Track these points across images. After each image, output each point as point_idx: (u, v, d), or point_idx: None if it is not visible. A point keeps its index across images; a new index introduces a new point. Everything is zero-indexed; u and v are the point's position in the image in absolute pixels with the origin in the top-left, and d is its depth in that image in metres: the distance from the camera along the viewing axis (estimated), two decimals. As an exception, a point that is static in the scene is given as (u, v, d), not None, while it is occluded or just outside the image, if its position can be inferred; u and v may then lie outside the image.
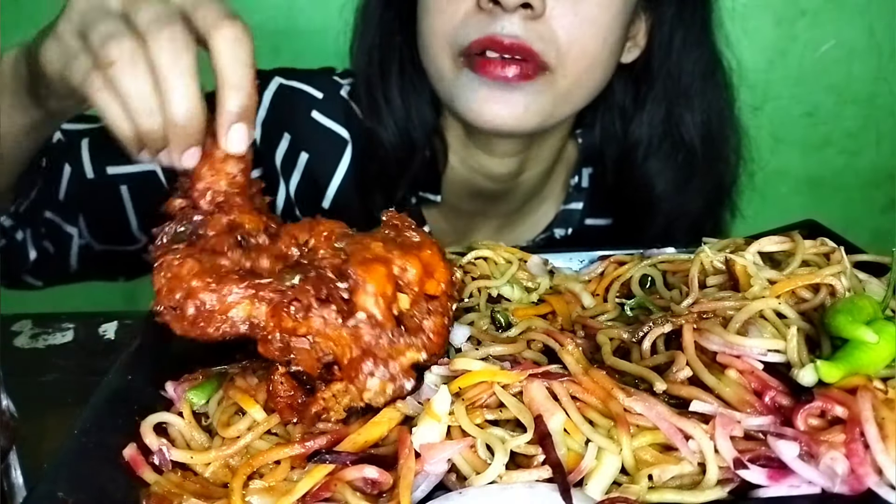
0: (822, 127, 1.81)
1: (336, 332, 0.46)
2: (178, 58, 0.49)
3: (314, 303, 0.46)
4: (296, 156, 0.95)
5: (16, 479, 0.54)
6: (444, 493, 0.44)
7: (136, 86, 0.49)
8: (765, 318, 0.55)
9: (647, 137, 0.94)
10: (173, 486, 0.46)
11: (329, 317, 0.46)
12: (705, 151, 0.95)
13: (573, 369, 0.51)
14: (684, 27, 0.90)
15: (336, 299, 0.46)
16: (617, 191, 1.00)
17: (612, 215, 1.05)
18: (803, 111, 1.79)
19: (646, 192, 0.96)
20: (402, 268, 0.48)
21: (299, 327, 0.46)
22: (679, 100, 0.93)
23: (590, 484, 0.44)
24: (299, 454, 0.47)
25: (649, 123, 0.94)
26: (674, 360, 0.52)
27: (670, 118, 0.93)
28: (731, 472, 0.45)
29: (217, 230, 0.50)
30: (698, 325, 0.54)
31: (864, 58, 1.74)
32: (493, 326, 0.62)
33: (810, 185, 1.84)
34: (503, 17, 0.76)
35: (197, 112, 0.50)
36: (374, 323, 0.46)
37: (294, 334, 0.46)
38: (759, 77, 1.69)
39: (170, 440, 0.50)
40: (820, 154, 1.83)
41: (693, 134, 0.93)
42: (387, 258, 0.48)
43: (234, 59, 0.50)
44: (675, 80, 0.92)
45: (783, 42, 1.72)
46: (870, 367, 0.49)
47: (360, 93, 0.94)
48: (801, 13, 1.70)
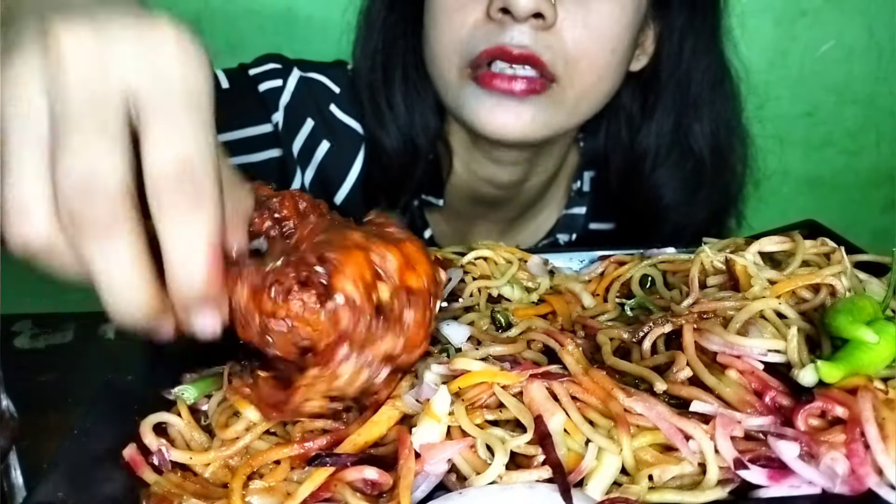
0: (822, 127, 1.81)
1: (314, 316, 0.45)
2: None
3: (295, 286, 0.45)
4: (316, 144, 0.94)
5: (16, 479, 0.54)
6: (444, 493, 0.44)
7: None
8: (765, 318, 0.55)
9: (655, 147, 0.94)
10: (173, 486, 0.46)
11: (308, 300, 0.45)
12: (713, 161, 0.94)
13: (573, 369, 0.51)
14: (694, 35, 0.89)
15: (315, 283, 0.46)
16: (623, 200, 0.99)
17: (616, 220, 1.04)
18: (803, 111, 1.79)
19: (654, 203, 0.96)
20: (382, 256, 0.47)
21: (279, 310, 0.46)
22: (688, 109, 0.92)
23: (590, 484, 0.44)
24: (299, 454, 0.47)
25: (658, 133, 0.93)
26: (674, 361, 0.52)
27: (679, 128, 0.93)
28: (731, 473, 0.45)
29: None
30: (699, 325, 0.54)
31: (865, 58, 1.73)
32: (493, 326, 0.62)
33: (810, 185, 1.84)
34: (513, 27, 0.75)
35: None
36: (353, 306, 0.45)
37: (273, 317, 0.46)
38: (759, 77, 1.68)
39: (169, 440, 0.50)
40: (820, 154, 1.83)
41: (702, 144, 0.93)
42: (366, 245, 0.47)
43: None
44: (685, 90, 0.91)
45: (783, 42, 1.72)
46: (870, 367, 0.49)
47: (363, 98, 0.93)
48: (801, 13, 1.69)
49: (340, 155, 0.95)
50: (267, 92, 0.92)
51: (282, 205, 0.51)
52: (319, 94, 0.95)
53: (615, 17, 0.79)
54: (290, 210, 0.51)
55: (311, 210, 0.52)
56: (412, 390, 0.50)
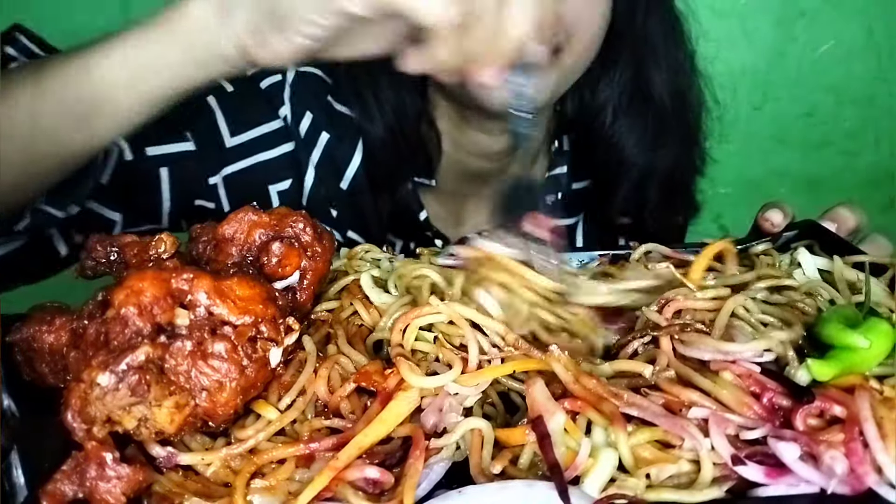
0: (821, 127, 1.81)
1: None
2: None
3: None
4: (317, 136, 0.95)
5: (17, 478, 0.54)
6: (444, 491, 0.44)
7: None
8: (737, 315, 0.56)
9: (616, 97, 0.96)
10: (175, 485, 0.46)
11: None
12: (674, 106, 0.97)
13: (563, 377, 0.51)
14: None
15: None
16: (590, 151, 1.01)
17: (590, 178, 1.06)
18: (803, 111, 1.79)
19: (617, 151, 0.98)
20: (188, 281, 0.48)
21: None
22: (647, 60, 0.95)
23: (587, 481, 0.44)
24: (304, 454, 0.47)
25: (617, 83, 0.96)
26: (654, 361, 0.53)
27: (638, 78, 0.96)
28: (728, 470, 0.45)
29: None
30: (682, 336, 0.54)
31: (864, 58, 1.74)
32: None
33: (810, 186, 1.84)
34: None
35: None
36: (118, 318, 0.46)
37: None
38: (758, 77, 1.69)
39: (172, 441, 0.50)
40: (819, 154, 1.83)
41: (662, 91, 0.96)
42: (164, 270, 0.48)
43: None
44: (641, 42, 0.94)
45: (782, 42, 1.72)
46: (863, 365, 0.50)
47: (346, 90, 0.94)
48: (800, 14, 1.70)
49: (340, 146, 0.95)
50: (270, 87, 0.93)
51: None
52: (316, 86, 0.96)
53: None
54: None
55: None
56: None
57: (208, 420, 0.47)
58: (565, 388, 0.50)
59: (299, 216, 0.58)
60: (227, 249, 0.56)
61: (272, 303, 0.50)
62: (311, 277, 0.57)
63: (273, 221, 0.57)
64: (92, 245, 0.58)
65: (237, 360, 0.47)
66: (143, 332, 0.46)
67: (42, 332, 0.51)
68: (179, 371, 0.46)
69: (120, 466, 0.44)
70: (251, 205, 0.58)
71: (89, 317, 0.49)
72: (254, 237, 0.57)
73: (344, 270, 0.69)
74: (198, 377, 0.46)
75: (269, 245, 0.56)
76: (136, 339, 0.46)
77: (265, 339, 0.49)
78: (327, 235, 0.59)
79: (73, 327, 0.50)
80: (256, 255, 0.56)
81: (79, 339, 0.49)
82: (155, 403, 0.45)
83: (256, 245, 0.57)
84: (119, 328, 0.46)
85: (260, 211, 0.58)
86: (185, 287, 0.48)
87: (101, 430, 0.45)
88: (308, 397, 0.51)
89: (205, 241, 0.58)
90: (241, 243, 0.57)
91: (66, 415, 0.45)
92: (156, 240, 0.54)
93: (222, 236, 0.56)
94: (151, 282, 0.47)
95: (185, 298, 0.48)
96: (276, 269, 0.56)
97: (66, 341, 0.50)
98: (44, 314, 0.52)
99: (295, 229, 0.57)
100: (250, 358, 0.48)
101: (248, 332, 0.48)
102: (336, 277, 0.68)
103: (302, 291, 0.57)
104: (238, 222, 0.57)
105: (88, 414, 0.44)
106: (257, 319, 0.48)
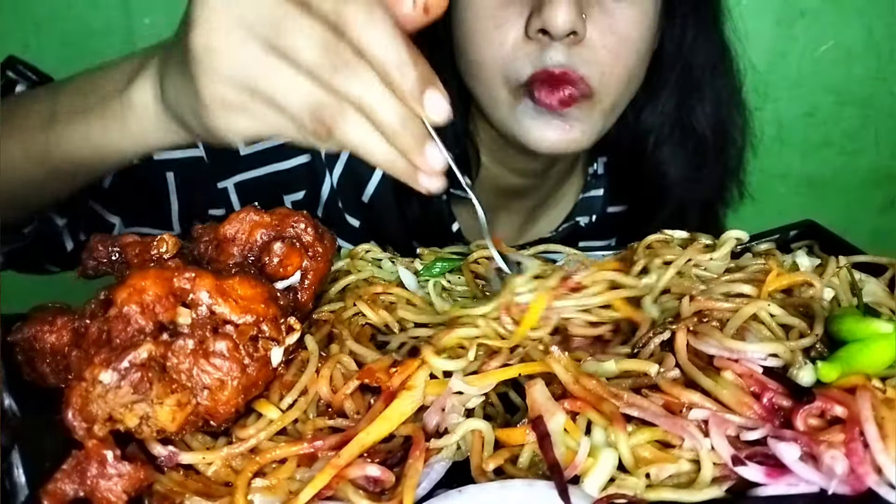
0: (821, 127, 1.81)
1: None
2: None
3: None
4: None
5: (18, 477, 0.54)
6: (444, 490, 0.44)
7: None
8: (759, 319, 0.56)
9: (658, 125, 0.96)
10: (176, 484, 0.46)
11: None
12: (716, 138, 0.96)
13: (563, 378, 0.51)
14: (696, 19, 0.91)
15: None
16: (629, 177, 1.01)
17: (628, 202, 1.06)
18: (803, 112, 1.80)
19: (658, 180, 0.98)
20: (190, 280, 0.48)
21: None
22: (690, 90, 0.94)
23: (587, 481, 0.44)
24: (306, 453, 0.48)
25: (661, 112, 0.95)
26: (662, 361, 0.53)
27: (681, 108, 0.95)
28: (728, 470, 0.45)
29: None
30: (696, 328, 0.54)
31: (864, 58, 1.74)
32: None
33: (809, 186, 1.84)
34: (550, 45, 0.77)
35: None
36: (120, 316, 0.47)
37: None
38: (758, 78, 1.69)
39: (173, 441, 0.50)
40: (819, 154, 1.84)
41: (704, 124, 0.95)
42: (166, 269, 0.48)
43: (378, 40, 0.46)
44: (687, 72, 0.93)
45: (782, 43, 1.73)
46: (869, 367, 0.50)
47: None
48: (800, 14, 1.70)
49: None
50: None
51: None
52: None
53: (639, 21, 0.81)
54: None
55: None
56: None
57: (210, 419, 0.47)
58: (565, 389, 0.50)
59: (300, 216, 0.58)
60: (229, 249, 0.56)
61: (273, 302, 0.50)
62: (313, 277, 0.57)
63: (274, 221, 0.57)
64: (93, 245, 0.58)
65: (239, 358, 0.47)
66: (146, 330, 0.46)
67: (43, 332, 0.51)
68: (181, 369, 0.46)
69: (121, 464, 0.44)
70: (252, 205, 0.58)
71: (91, 316, 0.49)
72: (255, 237, 0.57)
73: (346, 270, 0.69)
74: (199, 375, 0.46)
75: (271, 245, 0.56)
76: (139, 336, 0.46)
77: (267, 338, 0.49)
78: (328, 236, 0.59)
79: (74, 327, 0.50)
80: (258, 255, 0.57)
81: (80, 338, 0.49)
82: (157, 401, 0.45)
83: (258, 245, 0.57)
84: (121, 326, 0.46)
85: (261, 211, 0.58)
86: (187, 286, 0.48)
87: (102, 428, 0.45)
88: (310, 397, 0.52)
89: (206, 241, 0.58)
90: (242, 243, 0.57)
91: (67, 413, 0.45)
92: (157, 240, 0.54)
93: (224, 236, 0.57)
94: (154, 280, 0.47)
95: (186, 297, 0.48)
96: (278, 269, 0.56)
97: (68, 341, 0.51)
98: (45, 314, 0.52)
99: (296, 229, 0.57)
100: (252, 357, 0.48)
101: (249, 331, 0.48)
102: (337, 277, 0.68)
103: (303, 291, 0.57)
104: (240, 222, 0.57)
105: (90, 412, 0.44)
106: (259, 319, 0.48)
